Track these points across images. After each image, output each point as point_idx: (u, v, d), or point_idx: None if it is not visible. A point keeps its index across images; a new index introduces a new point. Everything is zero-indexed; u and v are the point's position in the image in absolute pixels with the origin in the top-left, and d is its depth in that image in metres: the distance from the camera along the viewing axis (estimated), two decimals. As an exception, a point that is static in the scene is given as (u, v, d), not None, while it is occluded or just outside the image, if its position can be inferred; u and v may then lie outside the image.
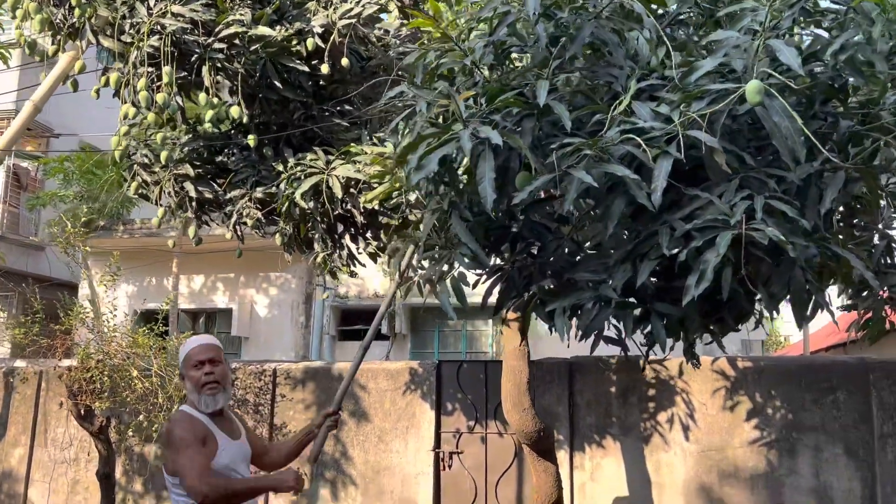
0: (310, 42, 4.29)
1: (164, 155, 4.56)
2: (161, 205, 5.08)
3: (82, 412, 6.54)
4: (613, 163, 2.26)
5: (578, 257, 3.19)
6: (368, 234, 5.01)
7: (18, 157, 13.33)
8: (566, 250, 3.19)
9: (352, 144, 4.62)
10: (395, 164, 4.16)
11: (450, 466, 7.16)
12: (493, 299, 3.25)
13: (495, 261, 3.22)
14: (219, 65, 4.07)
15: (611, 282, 2.46)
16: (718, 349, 8.04)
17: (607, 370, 6.81)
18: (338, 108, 4.81)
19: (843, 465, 6.10)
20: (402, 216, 4.75)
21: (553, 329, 2.83)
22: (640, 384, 6.69)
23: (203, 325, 12.51)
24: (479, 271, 3.18)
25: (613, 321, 2.89)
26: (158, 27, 3.94)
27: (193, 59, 4.12)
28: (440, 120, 2.54)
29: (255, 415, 7.56)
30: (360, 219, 4.54)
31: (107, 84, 4.24)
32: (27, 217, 13.43)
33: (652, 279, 2.66)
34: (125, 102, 4.15)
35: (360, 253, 5.28)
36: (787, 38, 2.34)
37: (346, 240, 4.98)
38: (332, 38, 4.29)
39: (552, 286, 2.74)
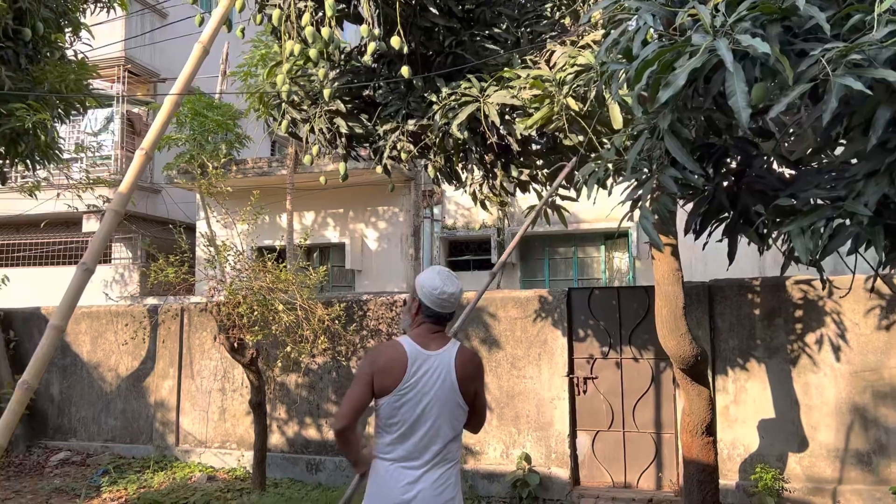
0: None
1: (327, 92, 4.54)
2: (310, 142, 5.12)
3: (235, 345, 6.86)
4: (878, 67, 2.09)
5: (788, 174, 3.04)
6: (521, 161, 4.91)
7: (130, 102, 13.76)
8: (774, 167, 3.04)
9: (505, 69, 4.50)
10: (598, 75, 4.04)
11: (584, 391, 7.21)
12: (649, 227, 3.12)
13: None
14: (376, -6, 4.00)
15: (861, 198, 2.32)
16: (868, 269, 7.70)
17: (750, 292, 6.62)
18: (486, 31, 4.67)
19: None
20: (558, 141, 4.64)
21: (791, 249, 2.71)
22: (787, 305, 6.49)
23: (317, 259, 12.84)
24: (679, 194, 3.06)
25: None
26: (317, -40, 3.88)
27: (355, -10, 4.06)
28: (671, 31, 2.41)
29: (389, 345, 7.76)
30: (515, 146, 4.45)
31: (262, 21, 4.23)
32: (143, 162, 13.92)
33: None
34: (285, 38, 4.14)
35: (512, 181, 5.19)
36: None
37: (498, 169, 4.89)
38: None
39: (782, 205, 2.61)
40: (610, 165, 3.11)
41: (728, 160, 3.07)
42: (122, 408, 8.95)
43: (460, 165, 4.89)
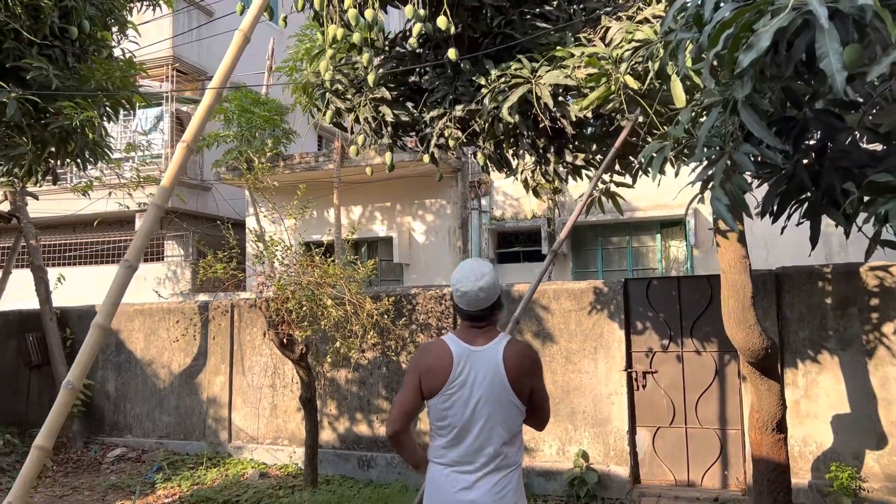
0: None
1: (371, 77, 4.37)
2: (355, 133, 4.96)
3: (284, 341, 6.78)
4: None
5: (879, 150, 2.74)
6: (576, 145, 4.66)
7: (179, 101, 13.88)
8: (862, 142, 2.75)
9: (557, 48, 4.26)
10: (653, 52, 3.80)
11: (644, 386, 6.93)
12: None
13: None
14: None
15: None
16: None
17: (821, 280, 6.24)
18: (536, 9, 4.43)
19: None
20: (615, 123, 4.39)
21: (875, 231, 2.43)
22: (861, 294, 6.09)
23: (365, 253, 12.77)
24: (753, 173, 2.79)
25: None
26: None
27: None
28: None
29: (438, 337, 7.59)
30: (569, 129, 4.21)
31: (303, 7, 4.07)
32: (193, 159, 14.04)
33: None
34: (327, 23, 3.98)
35: (566, 167, 4.95)
36: None
37: (551, 154, 4.65)
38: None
39: (877, 182, 2.33)
40: (676, 143, 2.85)
41: (808, 135, 2.78)
42: (175, 404, 9.00)
43: (511, 151, 4.66)
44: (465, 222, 11.96)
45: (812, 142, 2.91)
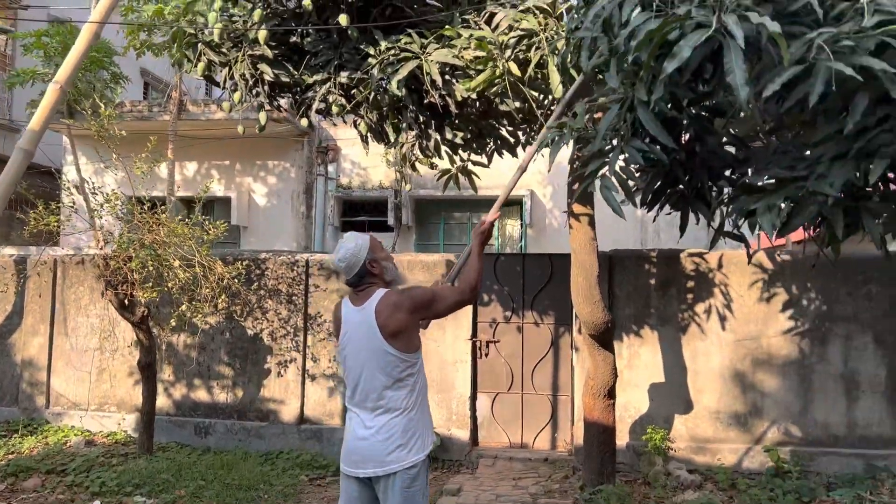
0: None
1: (262, 34, 4.21)
2: (226, 88, 4.77)
3: (126, 302, 6.39)
4: (862, 54, 2.19)
5: (736, 153, 3.15)
6: (456, 123, 4.81)
7: (-14, 30, 12.35)
8: (726, 146, 3.15)
9: (446, 27, 4.38)
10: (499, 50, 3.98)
11: (486, 355, 7.34)
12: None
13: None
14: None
15: (827, 179, 2.44)
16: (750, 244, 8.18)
17: (647, 263, 6.94)
18: (427, -14, 4.52)
19: (872, 352, 6.46)
20: (493, 105, 4.60)
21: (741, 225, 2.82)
22: (680, 277, 6.85)
23: (199, 213, 12.17)
24: (637, 166, 3.10)
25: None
26: None
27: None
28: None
29: (289, 304, 7.54)
30: (453, 108, 4.36)
31: None
32: (0, 97, 12.58)
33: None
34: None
35: (445, 143, 5.09)
36: None
37: (432, 130, 4.77)
38: None
39: (750, 183, 2.70)
40: (573, 132, 3.09)
41: (683, 136, 3.14)
42: (-19, 367, 8.16)
43: (393, 123, 4.73)
44: (310, 188, 11.80)
45: (684, 142, 3.28)
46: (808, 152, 2.78)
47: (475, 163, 6.35)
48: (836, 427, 6.47)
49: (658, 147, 2.91)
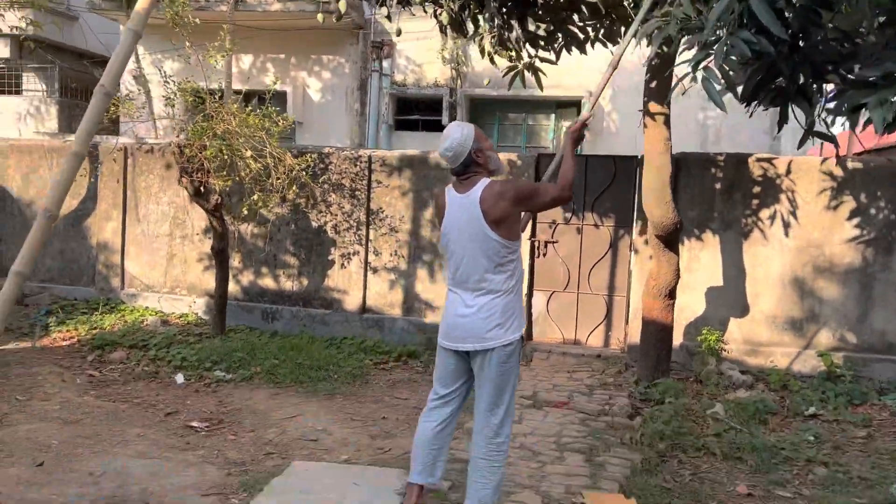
0: None
1: None
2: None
3: (201, 189, 6.60)
4: None
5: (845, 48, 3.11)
6: (538, 15, 4.74)
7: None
8: (831, 40, 3.10)
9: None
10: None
11: (544, 255, 7.46)
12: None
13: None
14: None
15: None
16: (827, 152, 8.10)
17: (714, 167, 6.89)
18: None
19: (937, 263, 6.43)
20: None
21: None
22: (746, 181, 6.80)
23: (255, 107, 12.25)
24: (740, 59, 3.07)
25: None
26: None
27: None
28: None
29: (352, 199, 7.70)
30: (539, -2, 4.30)
31: None
32: (57, -18, 12.56)
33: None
34: None
35: (528, 35, 5.03)
36: None
37: (514, 21, 4.72)
38: None
39: (864, 76, 2.69)
40: (678, 22, 3.07)
41: (787, 29, 3.09)
42: (59, 248, 8.56)
43: (474, 13, 4.68)
44: (365, 84, 11.74)
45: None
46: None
47: (542, 59, 6.26)
48: (893, 335, 6.54)
49: (765, 39, 2.88)
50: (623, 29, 5.51)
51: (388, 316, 7.72)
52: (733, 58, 2.99)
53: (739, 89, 3.19)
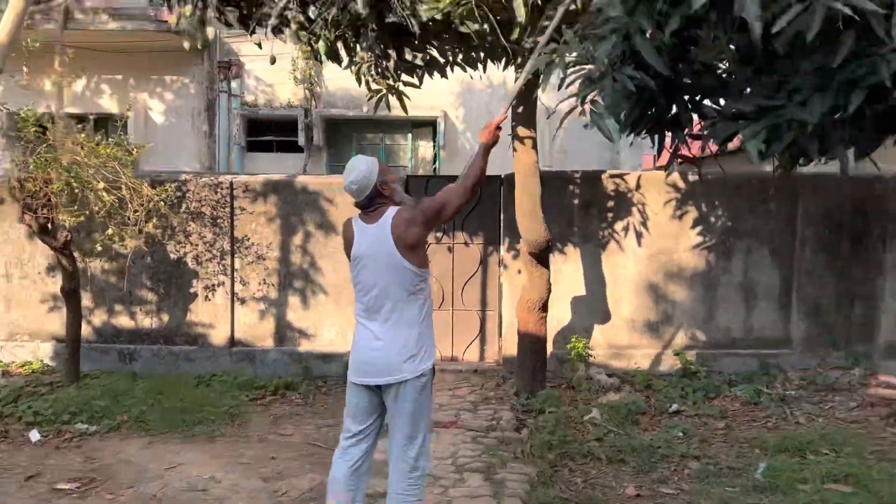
0: None
1: None
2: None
3: (48, 227, 6.05)
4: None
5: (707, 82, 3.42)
6: (416, 45, 4.80)
7: None
8: (699, 74, 3.41)
9: (410, -56, 4.33)
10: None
11: (416, 274, 7.52)
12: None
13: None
14: None
15: (807, 108, 2.74)
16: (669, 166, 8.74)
17: (571, 184, 7.28)
18: None
19: (768, 263, 7.18)
20: (452, 27, 4.64)
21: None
22: (601, 196, 7.26)
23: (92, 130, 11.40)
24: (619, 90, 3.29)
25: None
26: None
27: None
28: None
29: (214, 227, 7.38)
30: (416, 28, 4.36)
31: None
32: None
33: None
34: None
35: (405, 64, 5.07)
36: None
37: (391, 51, 4.75)
38: None
39: (741, 109, 2.97)
40: (569, 59, 3.24)
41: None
42: None
43: (351, 43, 4.66)
44: (213, 105, 11.28)
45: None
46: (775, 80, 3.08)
47: (406, 83, 6.34)
48: (736, 331, 7.22)
49: (646, 75, 3.11)
50: (482, 55, 5.71)
51: (259, 348, 7.45)
52: (618, 91, 3.20)
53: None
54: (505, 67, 5.91)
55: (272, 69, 11.27)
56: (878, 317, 7.07)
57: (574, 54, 3.20)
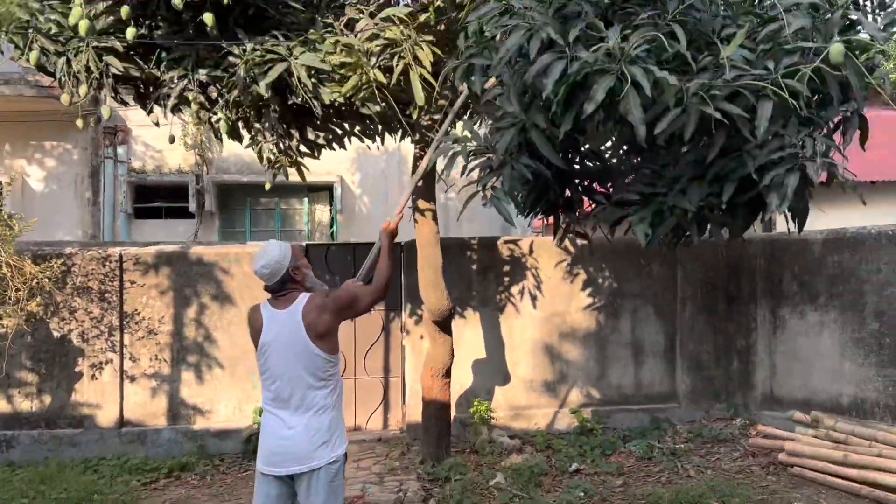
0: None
1: (83, 25, 3.95)
2: (68, 79, 4.42)
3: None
4: (721, 100, 2.78)
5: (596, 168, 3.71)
6: (318, 125, 4.90)
7: None
8: (587, 161, 3.69)
9: (310, 31, 4.47)
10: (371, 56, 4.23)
11: (317, 343, 7.46)
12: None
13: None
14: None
15: (686, 196, 3.04)
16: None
17: (469, 250, 7.51)
18: (289, -12, 4.53)
19: (654, 322, 7.63)
20: (355, 108, 4.79)
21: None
22: (498, 261, 7.52)
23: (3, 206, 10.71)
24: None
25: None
26: None
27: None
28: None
29: (102, 302, 7.08)
30: (318, 111, 4.47)
31: None
32: None
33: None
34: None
35: (307, 144, 5.15)
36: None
37: (294, 130, 4.82)
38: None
39: (613, 195, 3.24)
40: (467, 147, 3.43)
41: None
42: None
43: (253, 122, 4.71)
44: (97, 171, 10.89)
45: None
46: (655, 170, 3.39)
47: (304, 154, 6.43)
48: (627, 387, 7.57)
49: (542, 164, 3.35)
50: (380, 128, 5.89)
51: (151, 427, 7.11)
52: (516, 178, 3.42)
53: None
54: (401, 139, 6.11)
55: (161, 135, 11.10)
56: (753, 370, 7.61)
57: (475, 144, 3.40)
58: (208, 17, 4.10)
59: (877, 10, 3.16)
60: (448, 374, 6.39)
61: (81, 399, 7.05)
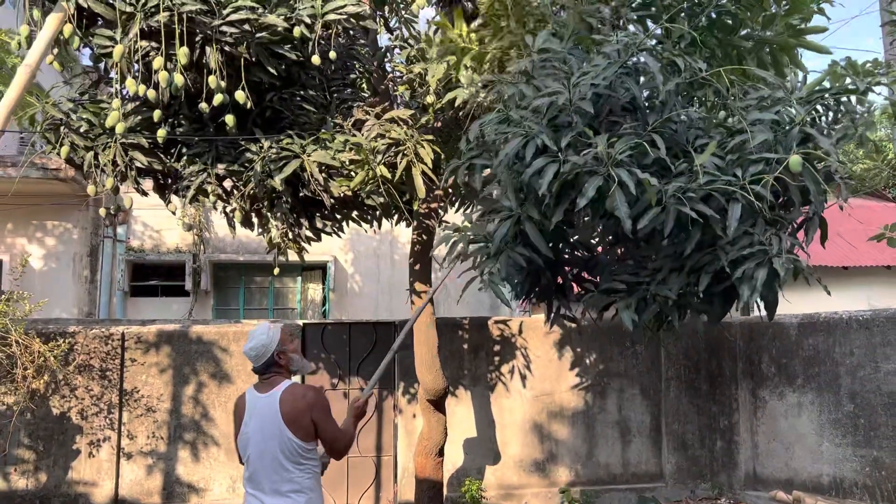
0: (297, 31, 4.43)
1: (120, 126, 4.31)
2: (95, 172, 4.77)
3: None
4: (696, 202, 3.16)
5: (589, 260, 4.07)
6: (325, 214, 5.27)
7: None
8: (576, 252, 4.05)
9: (322, 131, 4.88)
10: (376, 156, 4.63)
11: (312, 421, 7.61)
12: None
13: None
14: (225, 48, 4.05)
15: (667, 285, 3.38)
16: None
17: (461, 329, 7.79)
18: (301, 93, 4.97)
19: (639, 402, 7.87)
20: (360, 199, 5.17)
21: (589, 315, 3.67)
22: (489, 341, 7.79)
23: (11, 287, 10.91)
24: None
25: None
26: (169, 3, 3.81)
27: (197, 39, 4.03)
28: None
29: (103, 380, 7.23)
30: (328, 202, 4.84)
31: (101, 56, 3.90)
32: None
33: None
34: (122, 76, 3.92)
35: (315, 231, 5.52)
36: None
37: (304, 220, 5.19)
38: (317, 27, 4.51)
39: (600, 284, 3.58)
40: (466, 237, 3.79)
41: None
42: None
43: (265, 212, 5.07)
44: (96, 250, 11.16)
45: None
46: (637, 261, 3.75)
47: (305, 237, 6.78)
48: (615, 466, 7.75)
49: (535, 252, 3.70)
50: (378, 213, 6.27)
51: (145, 505, 7.16)
52: (512, 266, 3.76)
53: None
54: (396, 224, 6.49)
55: (160, 215, 11.45)
56: (736, 449, 7.83)
57: (473, 235, 3.76)
58: (230, 119, 4.49)
59: (831, 126, 3.61)
60: (441, 452, 6.57)
61: (77, 477, 7.11)
